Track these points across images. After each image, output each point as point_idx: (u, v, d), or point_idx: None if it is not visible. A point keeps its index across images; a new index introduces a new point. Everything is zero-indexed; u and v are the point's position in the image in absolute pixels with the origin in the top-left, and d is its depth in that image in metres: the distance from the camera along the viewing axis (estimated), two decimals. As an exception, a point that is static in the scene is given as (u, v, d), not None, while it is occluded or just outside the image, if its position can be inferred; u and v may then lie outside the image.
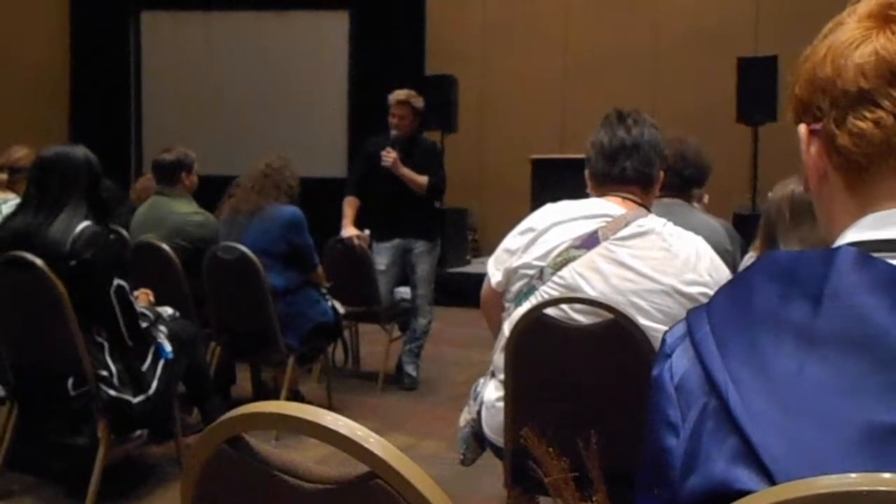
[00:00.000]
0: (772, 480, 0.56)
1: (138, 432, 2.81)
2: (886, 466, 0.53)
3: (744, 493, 0.57)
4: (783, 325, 0.61)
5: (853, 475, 0.52)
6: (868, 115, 0.68)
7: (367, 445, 0.67)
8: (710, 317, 0.66)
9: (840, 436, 0.56)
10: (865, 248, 0.63)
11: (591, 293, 1.81)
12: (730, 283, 0.70)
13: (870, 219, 0.69)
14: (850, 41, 0.70)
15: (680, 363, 0.67)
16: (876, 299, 0.59)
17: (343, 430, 0.68)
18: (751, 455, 0.57)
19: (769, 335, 0.61)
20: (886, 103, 0.67)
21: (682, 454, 0.63)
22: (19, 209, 2.78)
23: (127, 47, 8.68)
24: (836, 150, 0.71)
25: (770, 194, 2.21)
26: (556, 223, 1.90)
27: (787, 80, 0.78)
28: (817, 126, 0.73)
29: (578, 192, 2.04)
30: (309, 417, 0.71)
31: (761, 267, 0.66)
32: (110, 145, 6.95)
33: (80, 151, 2.74)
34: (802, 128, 0.75)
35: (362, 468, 0.69)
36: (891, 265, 0.61)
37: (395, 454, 0.68)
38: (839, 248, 0.64)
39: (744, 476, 0.57)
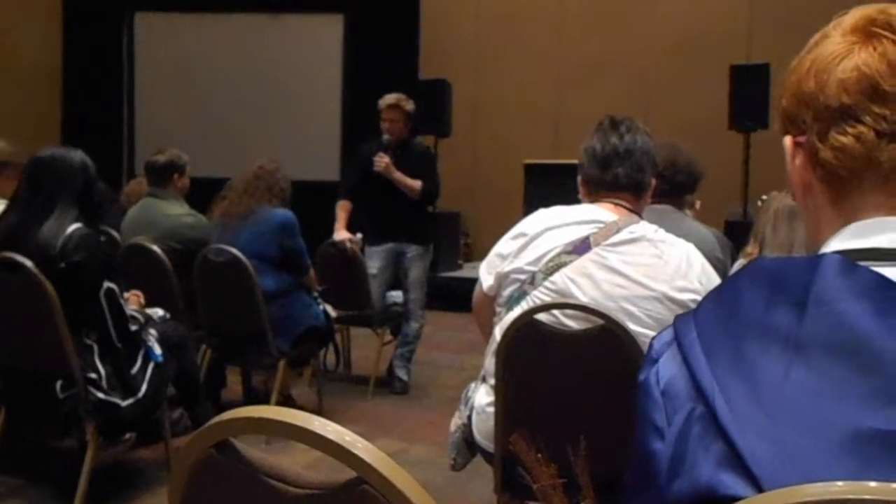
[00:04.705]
0: (758, 486, 0.56)
1: (127, 435, 2.79)
2: (871, 471, 0.53)
3: (730, 499, 0.57)
4: (769, 331, 0.61)
5: (839, 483, 0.53)
6: (849, 129, 0.69)
7: (354, 451, 0.67)
8: (697, 323, 0.67)
9: (825, 441, 0.56)
10: (849, 257, 0.64)
11: (583, 299, 1.81)
12: (717, 289, 0.70)
13: (853, 227, 0.70)
14: (834, 56, 0.71)
15: (666, 368, 0.67)
16: (860, 305, 0.59)
17: (331, 435, 0.68)
18: (737, 460, 0.58)
19: (755, 341, 0.61)
20: (867, 118, 0.68)
21: (667, 458, 0.63)
22: (9, 208, 2.77)
23: (120, 49, 8.65)
24: (819, 163, 0.72)
25: (759, 203, 2.25)
26: (548, 228, 1.90)
27: (778, 88, 0.78)
28: (802, 139, 0.73)
29: (571, 198, 2.04)
30: (297, 422, 0.70)
31: (748, 274, 0.67)
32: (103, 147, 6.90)
33: (78, 156, 2.74)
34: (788, 140, 0.75)
35: (350, 473, 0.69)
36: (874, 272, 0.61)
37: (382, 459, 0.67)
38: (823, 255, 0.64)
39: (730, 481, 0.58)
